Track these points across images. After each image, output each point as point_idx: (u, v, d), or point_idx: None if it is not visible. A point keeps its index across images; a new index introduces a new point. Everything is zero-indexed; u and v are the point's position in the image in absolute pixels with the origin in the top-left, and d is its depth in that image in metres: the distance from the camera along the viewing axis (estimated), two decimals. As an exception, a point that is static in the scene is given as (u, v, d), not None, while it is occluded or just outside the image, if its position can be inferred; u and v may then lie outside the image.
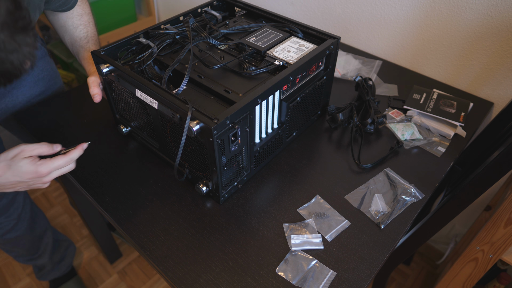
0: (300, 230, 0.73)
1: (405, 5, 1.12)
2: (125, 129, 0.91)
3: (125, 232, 0.74)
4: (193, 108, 0.65)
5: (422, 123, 0.97)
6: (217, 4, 1.05)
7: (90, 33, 0.93)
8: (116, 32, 1.86)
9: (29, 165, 0.63)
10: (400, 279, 1.49)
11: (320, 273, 0.67)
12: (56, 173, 0.67)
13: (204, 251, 0.70)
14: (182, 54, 0.77)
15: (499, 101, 1.07)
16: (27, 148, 0.63)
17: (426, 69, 1.19)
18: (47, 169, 0.64)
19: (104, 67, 0.77)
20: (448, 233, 1.44)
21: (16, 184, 0.65)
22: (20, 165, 0.63)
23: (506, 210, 0.79)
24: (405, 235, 0.95)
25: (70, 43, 0.93)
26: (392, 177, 0.84)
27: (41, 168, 0.64)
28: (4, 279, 1.50)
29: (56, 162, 0.65)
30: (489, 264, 0.90)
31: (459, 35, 1.07)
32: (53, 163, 0.65)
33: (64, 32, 0.93)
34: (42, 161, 0.64)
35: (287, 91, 0.81)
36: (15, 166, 0.63)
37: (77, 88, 1.11)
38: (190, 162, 0.78)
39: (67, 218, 1.73)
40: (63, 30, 0.92)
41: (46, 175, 0.65)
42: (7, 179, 0.63)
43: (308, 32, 0.91)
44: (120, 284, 1.50)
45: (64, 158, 0.66)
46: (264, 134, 0.82)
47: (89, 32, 0.93)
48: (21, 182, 0.65)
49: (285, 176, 0.85)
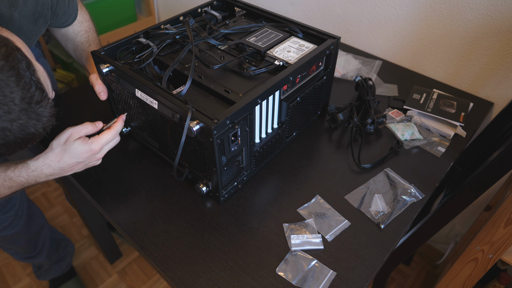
0: (300, 230, 0.73)
1: (405, 5, 1.12)
2: (125, 129, 0.91)
3: (125, 232, 0.74)
4: (193, 108, 0.65)
5: (422, 123, 0.97)
6: (217, 4, 1.05)
7: (91, 38, 0.94)
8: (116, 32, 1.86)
9: (82, 145, 0.67)
10: (400, 279, 1.49)
11: (320, 273, 0.67)
12: (106, 148, 0.72)
13: (204, 251, 0.70)
14: (182, 54, 0.77)
15: (499, 101, 1.07)
16: (74, 130, 0.68)
17: (426, 69, 1.19)
18: (99, 145, 0.69)
19: (104, 67, 0.77)
20: (448, 233, 1.44)
21: (74, 166, 0.69)
22: (74, 147, 0.67)
23: (506, 210, 0.79)
24: (405, 235, 0.95)
25: (73, 50, 0.95)
26: (392, 177, 0.84)
27: (93, 145, 0.68)
28: (4, 279, 1.50)
29: (105, 137, 0.70)
30: (489, 264, 0.90)
31: (459, 35, 1.07)
32: (102, 139, 0.69)
33: (66, 40, 0.94)
34: (92, 139, 0.69)
35: (287, 91, 0.81)
36: (70, 149, 0.67)
37: (77, 88, 1.11)
38: (190, 162, 0.78)
39: (67, 218, 1.73)
40: (65, 38, 0.94)
41: (99, 151, 0.70)
42: (66, 162, 0.67)
43: (308, 32, 0.91)
44: (120, 284, 1.50)
45: (110, 132, 0.71)
46: (264, 134, 0.82)
47: (90, 37, 0.94)
48: (78, 162, 0.69)
49: (285, 176, 0.85)
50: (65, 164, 0.68)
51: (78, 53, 0.93)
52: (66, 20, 0.88)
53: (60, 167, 0.68)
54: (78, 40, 0.93)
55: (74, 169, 0.71)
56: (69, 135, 0.67)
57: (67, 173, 0.71)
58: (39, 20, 0.75)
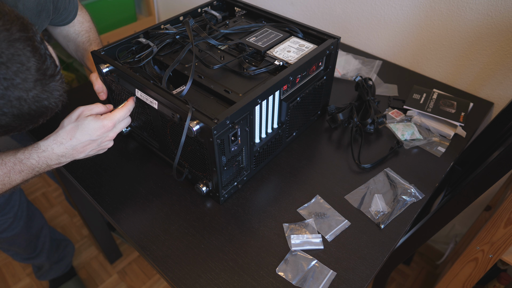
0: (300, 230, 0.73)
1: (405, 5, 1.12)
2: (125, 129, 0.91)
3: (125, 232, 0.74)
4: (193, 108, 0.65)
5: (422, 123, 0.97)
6: (217, 4, 1.05)
7: (92, 37, 0.95)
8: (116, 32, 1.86)
9: (95, 121, 0.66)
10: (400, 279, 1.49)
11: (320, 273, 0.67)
12: (119, 126, 0.71)
13: (204, 251, 0.70)
14: (182, 54, 0.77)
15: (499, 101, 1.07)
16: (85, 108, 0.68)
17: (426, 69, 1.19)
18: (112, 122, 0.68)
19: (104, 67, 0.77)
20: (448, 233, 1.44)
21: (86, 145, 0.68)
22: (86, 123, 0.66)
23: (506, 210, 0.79)
24: (405, 235, 0.95)
25: (74, 50, 0.95)
26: (392, 177, 0.84)
27: (106, 121, 0.67)
28: (4, 279, 1.50)
29: (118, 114, 0.69)
30: (489, 264, 0.90)
31: (459, 35, 1.07)
32: (114, 115, 0.69)
33: (68, 41, 0.95)
34: (105, 115, 0.68)
35: (287, 91, 0.81)
36: (82, 125, 0.66)
37: (77, 88, 1.12)
38: (190, 162, 0.78)
39: (67, 218, 1.73)
40: (67, 39, 0.95)
41: (112, 129, 0.69)
42: (78, 140, 0.66)
43: (308, 32, 0.91)
44: (120, 284, 1.50)
45: (122, 109, 0.71)
46: (264, 134, 0.82)
47: (91, 37, 0.95)
48: (91, 141, 0.67)
49: (285, 176, 0.85)
50: (77, 142, 0.66)
51: (80, 52, 0.93)
52: (67, 16, 0.88)
53: (72, 146, 0.66)
54: (80, 40, 0.93)
55: (86, 150, 0.68)
56: (81, 112, 0.67)
57: (79, 154, 0.68)
58: (42, 13, 0.76)
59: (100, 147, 0.71)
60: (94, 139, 0.67)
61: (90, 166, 0.87)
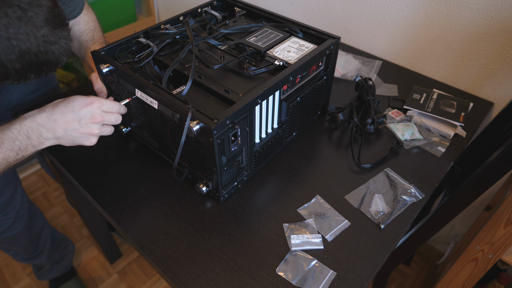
0: (300, 230, 0.73)
1: (405, 5, 1.12)
2: (125, 129, 0.91)
3: (125, 232, 0.74)
4: (193, 108, 0.65)
5: (422, 123, 0.97)
6: (217, 4, 1.05)
7: (96, 37, 0.95)
8: (116, 32, 1.85)
9: (81, 97, 0.66)
10: (400, 279, 1.49)
11: (320, 273, 0.67)
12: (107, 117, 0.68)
13: (204, 251, 0.70)
14: (182, 54, 0.77)
15: (499, 101, 1.07)
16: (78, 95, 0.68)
17: (426, 69, 1.19)
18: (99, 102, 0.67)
19: (104, 67, 0.77)
20: (448, 233, 1.44)
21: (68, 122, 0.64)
22: (72, 98, 0.66)
23: (506, 210, 0.79)
24: (405, 235, 0.95)
25: (77, 48, 0.96)
26: (392, 177, 0.84)
27: (93, 99, 0.66)
28: (4, 279, 1.50)
29: (107, 102, 0.68)
30: (489, 264, 0.90)
31: (459, 35, 1.07)
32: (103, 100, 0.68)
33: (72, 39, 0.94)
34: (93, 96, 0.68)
35: (287, 91, 0.81)
36: (68, 99, 0.66)
37: (77, 88, 1.12)
38: (190, 162, 0.78)
39: (67, 218, 1.73)
40: None
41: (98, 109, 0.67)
42: (60, 110, 0.64)
43: (308, 32, 0.91)
44: (120, 284, 1.50)
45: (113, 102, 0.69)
46: (264, 134, 0.82)
47: (95, 36, 0.95)
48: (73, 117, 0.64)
49: (285, 176, 0.85)
50: (59, 112, 0.64)
51: (83, 51, 0.93)
52: (73, 9, 0.89)
53: (54, 117, 0.63)
54: (83, 38, 0.94)
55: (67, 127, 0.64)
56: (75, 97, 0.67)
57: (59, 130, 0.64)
58: None
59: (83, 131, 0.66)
60: (77, 116, 0.65)
61: (90, 166, 0.87)
